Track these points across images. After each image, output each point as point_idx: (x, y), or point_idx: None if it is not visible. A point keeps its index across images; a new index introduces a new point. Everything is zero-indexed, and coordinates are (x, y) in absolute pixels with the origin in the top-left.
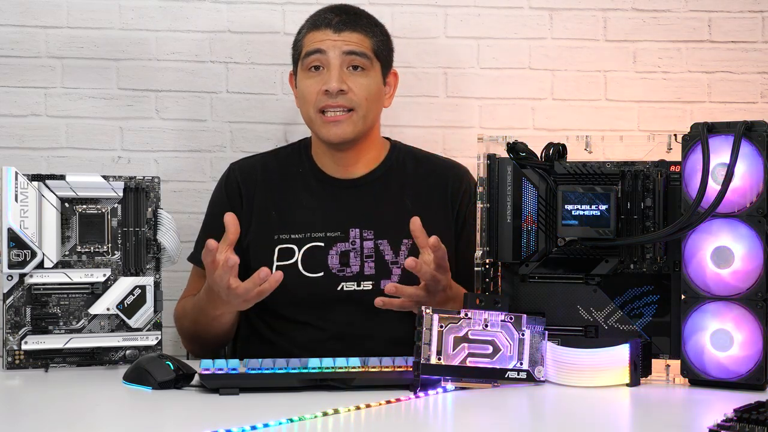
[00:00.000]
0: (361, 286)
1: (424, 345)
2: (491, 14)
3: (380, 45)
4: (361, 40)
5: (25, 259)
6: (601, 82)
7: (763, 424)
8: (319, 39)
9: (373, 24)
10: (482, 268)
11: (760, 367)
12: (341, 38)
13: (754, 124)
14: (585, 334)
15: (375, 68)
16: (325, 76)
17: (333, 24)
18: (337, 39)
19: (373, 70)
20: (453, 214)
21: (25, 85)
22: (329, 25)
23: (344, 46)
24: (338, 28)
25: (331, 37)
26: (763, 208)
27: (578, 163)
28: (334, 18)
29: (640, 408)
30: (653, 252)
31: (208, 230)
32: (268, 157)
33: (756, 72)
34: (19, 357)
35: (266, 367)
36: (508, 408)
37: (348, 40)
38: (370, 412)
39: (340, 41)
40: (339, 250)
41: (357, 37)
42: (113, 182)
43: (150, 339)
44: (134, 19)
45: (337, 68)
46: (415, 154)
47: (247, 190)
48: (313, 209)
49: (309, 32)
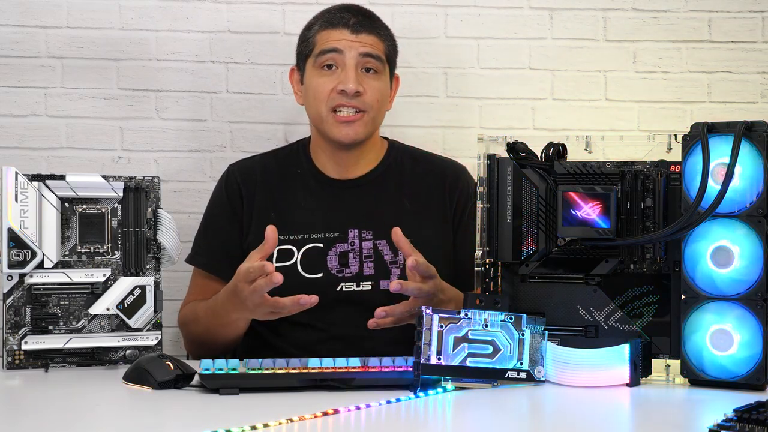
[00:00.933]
0: (361, 286)
1: (424, 345)
2: (491, 14)
3: (391, 49)
4: (376, 42)
5: (25, 259)
6: (601, 82)
7: (763, 424)
8: (335, 38)
9: (385, 27)
10: (482, 268)
11: (760, 367)
12: (358, 39)
13: (754, 124)
14: (585, 334)
15: (385, 71)
16: (341, 76)
17: (350, 24)
18: (354, 40)
19: (383, 74)
20: (451, 213)
21: (25, 85)
22: (347, 26)
23: (361, 47)
24: (356, 29)
25: (348, 37)
26: (763, 208)
27: (578, 163)
28: (351, 18)
29: (640, 408)
30: (653, 252)
31: (207, 231)
32: (267, 157)
33: (756, 72)
34: (19, 357)
35: (266, 367)
36: (508, 408)
37: (365, 42)
38: (370, 412)
39: (357, 42)
40: (338, 250)
41: (372, 40)
42: (113, 182)
43: (150, 339)
44: (134, 19)
45: (353, 69)
46: (413, 153)
47: (248, 190)
48: (312, 210)
49: (323, 30)
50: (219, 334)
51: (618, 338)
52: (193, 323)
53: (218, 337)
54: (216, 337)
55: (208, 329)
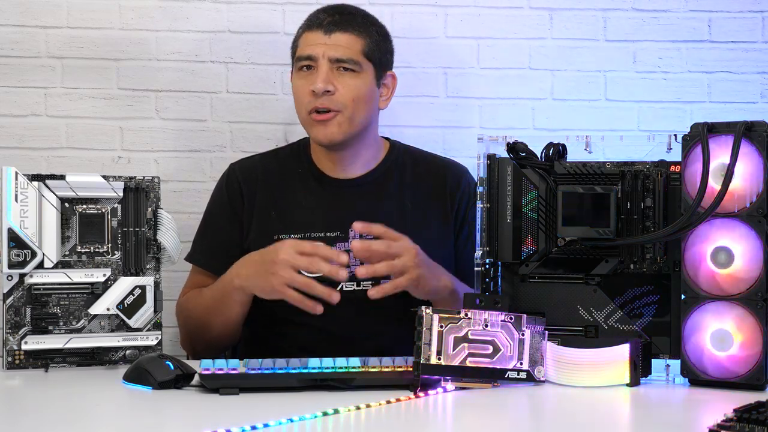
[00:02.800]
0: (361, 285)
1: (424, 345)
2: (491, 14)
3: (373, 46)
4: (352, 42)
5: (25, 259)
6: (601, 82)
7: (763, 424)
8: (311, 41)
9: (369, 24)
10: (482, 268)
11: (760, 367)
12: (331, 41)
13: (754, 124)
14: (585, 334)
15: (366, 70)
16: (314, 77)
17: (324, 25)
18: (326, 42)
19: (363, 72)
20: (452, 213)
21: (25, 85)
22: (320, 26)
23: (330, 51)
24: (328, 29)
25: (321, 39)
26: (763, 208)
27: (578, 163)
28: (326, 18)
29: (640, 408)
30: (653, 252)
31: (207, 230)
32: (268, 157)
33: (756, 72)
34: (19, 357)
35: (266, 367)
36: (508, 408)
37: (337, 42)
38: (370, 412)
39: (330, 44)
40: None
41: (346, 39)
42: (113, 182)
43: (150, 339)
44: (134, 19)
45: (324, 68)
46: (414, 153)
47: (249, 189)
48: (312, 209)
49: (303, 33)
50: (214, 317)
51: (618, 338)
52: (192, 306)
53: (213, 320)
54: (211, 321)
55: (206, 310)
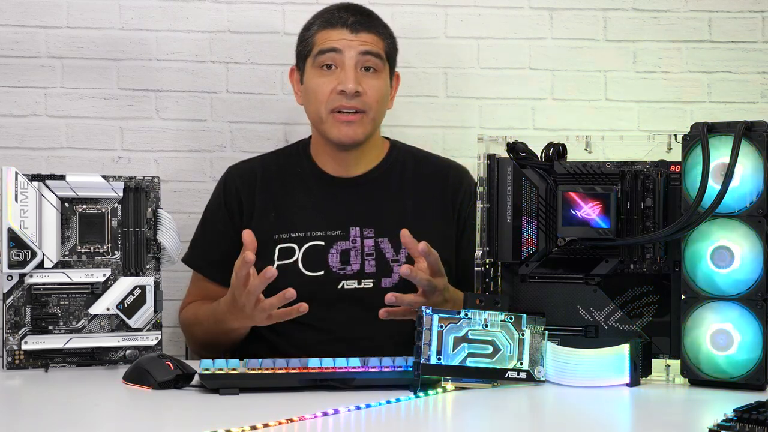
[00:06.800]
0: (362, 284)
1: (424, 345)
2: (491, 14)
3: (390, 47)
4: (376, 41)
5: (25, 259)
6: (601, 82)
7: (763, 424)
8: (334, 38)
9: (384, 26)
10: (482, 268)
11: (760, 367)
12: (357, 39)
13: (754, 124)
14: (585, 334)
15: (385, 70)
16: (340, 76)
17: (349, 24)
18: (353, 39)
19: (383, 72)
20: (454, 214)
21: (25, 85)
22: (345, 25)
23: (360, 46)
24: (355, 28)
25: (347, 36)
26: (763, 208)
27: (578, 163)
28: (349, 18)
29: (640, 408)
30: (653, 252)
31: (204, 234)
32: (267, 158)
33: (756, 72)
34: (19, 357)
35: (266, 367)
36: (508, 408)
37: (364, 40)
38: (370, 412)
39: (357, 41)
40: (339, 248)
41: (372, 38)
42: (113, 182)
43: (150, 339)
44: (134, 19)
45: (352, 69)
46: (414, 153)
47: (247, 195)
48: (312, 208)
49: (322, 30)
50: (221, 341)
51: (618, 338)
52: (196, 326)
53: (221, 342)
54: (218, 342)
55: (211, 334)
